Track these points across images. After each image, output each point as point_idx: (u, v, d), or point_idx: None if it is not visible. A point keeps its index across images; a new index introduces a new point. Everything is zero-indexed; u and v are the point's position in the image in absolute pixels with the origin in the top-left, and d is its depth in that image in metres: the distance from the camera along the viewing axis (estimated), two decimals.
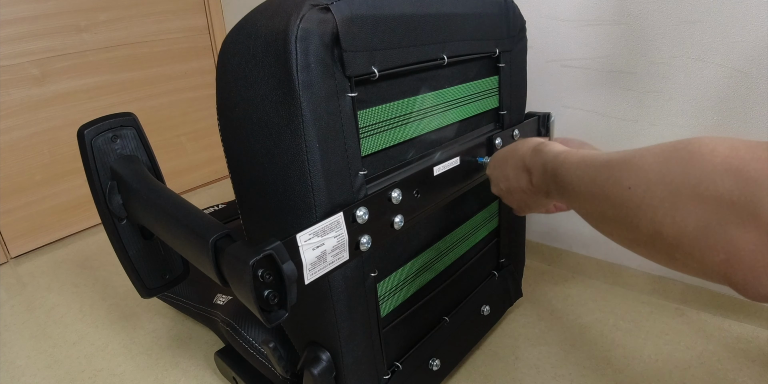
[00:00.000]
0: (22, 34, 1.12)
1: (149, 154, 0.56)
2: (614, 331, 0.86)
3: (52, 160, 1.23)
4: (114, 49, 1.29)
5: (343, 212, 0.45)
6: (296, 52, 0.40)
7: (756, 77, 0.74)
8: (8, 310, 1.00)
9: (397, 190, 0.51)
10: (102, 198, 0.52)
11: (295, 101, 0.41)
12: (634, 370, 0.77)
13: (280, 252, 0.37)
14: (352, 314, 0.51)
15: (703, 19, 0.75)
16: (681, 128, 0.82)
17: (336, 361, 0.53)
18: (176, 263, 0.60)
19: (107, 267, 1.15)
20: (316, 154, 0.43)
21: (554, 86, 0.93)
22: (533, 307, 0.93)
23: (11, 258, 1.22)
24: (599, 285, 1.00)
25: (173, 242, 0.47)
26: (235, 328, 0.67)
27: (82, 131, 0.51)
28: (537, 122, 0.77)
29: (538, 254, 1.08)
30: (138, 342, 0.89)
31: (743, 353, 0.80)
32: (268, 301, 0.38)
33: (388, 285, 0.56)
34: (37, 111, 1.18)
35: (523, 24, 0.70)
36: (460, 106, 0.62)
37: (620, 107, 0.87)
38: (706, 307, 0.90)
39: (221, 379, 0.79)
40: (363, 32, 0.44)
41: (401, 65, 0.50)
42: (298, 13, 0.40)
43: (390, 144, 0.52)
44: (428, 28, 0.52)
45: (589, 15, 0.85)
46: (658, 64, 0.81)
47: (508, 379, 0.76)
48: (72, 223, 1.31)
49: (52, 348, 0.88)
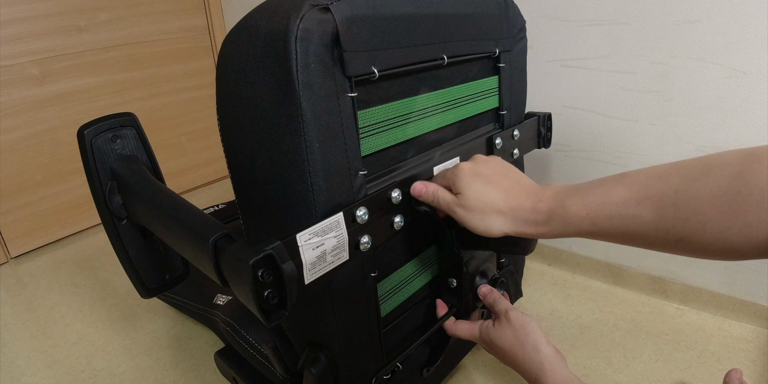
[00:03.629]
0: (22, 34, 1.12)
1: (149, 154, 0.56)
2: (614, 331, 0.86)
3: (52, 160, 1.23)
4: (114, 49, 1.29)
5: (343, 212, 0.45)
6: (296, 52, 0.40)
7: (756, 77, 0.74)
8: (8, 310, 1.00)
9: (397, 190, 0.51)
10: (102, 198, 0.52)
11: (295, 101, 0.41)
12: (634, 370, 0.77)
13: (280, 252, 0.37)
14: (352, 314, 0.51)
15: (703, 19, 0.75)
16: (681, 128, 0.82)
17: (336, 361, 0.53)
18: (176, 263, 0.60)
19: (107, 267, 1.15)
20: (316, 154, 0.43)
21: (554, 86, 0.93)
22: (533, 307, 0.93)
23: (11, 258, 1.22)
24: (599, 285, 1.00)
25: (173, 242, 0.47)
26: (235, 328, 0.67)
27: (82, 131, 0.50)
28: (537, 122, 0.77)
29: (538, 254, 1.08)
30: (138, 342, 0.89)
31: (743, 353, 0.80)
32: (268, 301, 0.38)
33: (388, 285, 0.56)
34: (37, 111, 1.18)
35: (523, 24, 0.70)
36: (460, 106, 0.62)
37: (620, 107, 0.87)
38: (706, 307, 0.90)
39: (221, 379, 0.79)
40: (363, 32, 0.44)
41: (401, 65, 0.50)
42: (298, 13, 0.40)
43: (390, 144, 0.52)
44: (428, 28, 0.52)
45: (589, 15, 0.85)
46: (658, 64, 0.81)
47: (508, 379, 0.76)
48: (72, 223, 1.31)
49: (52, 348, 0.88)
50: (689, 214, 0.35)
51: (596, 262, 1.00)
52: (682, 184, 0.36)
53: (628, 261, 0.97)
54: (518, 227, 0.46)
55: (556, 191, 0.44)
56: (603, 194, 0.40)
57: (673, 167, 0.38)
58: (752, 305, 0.85)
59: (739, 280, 0.86)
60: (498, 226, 0.46)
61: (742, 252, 0.34)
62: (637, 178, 0.39)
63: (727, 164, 0.34)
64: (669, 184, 0.37)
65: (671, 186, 0.37)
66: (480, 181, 0.48)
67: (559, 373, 0.49)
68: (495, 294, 0.59)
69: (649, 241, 0.39)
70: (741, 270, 0.85)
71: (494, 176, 0.48)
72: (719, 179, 0.34)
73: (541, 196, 0.45)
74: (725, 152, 0.36)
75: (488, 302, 0.59)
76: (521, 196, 0.46)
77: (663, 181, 0.37)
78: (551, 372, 0.49)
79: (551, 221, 0.44)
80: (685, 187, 0.36)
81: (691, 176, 0.36)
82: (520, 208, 0.46)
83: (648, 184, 0.38)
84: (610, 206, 0.40)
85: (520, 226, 0.46)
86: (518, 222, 0.46)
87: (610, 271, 0.99)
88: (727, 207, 0.33)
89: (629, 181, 0.39)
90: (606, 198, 0.40)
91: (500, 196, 0.47)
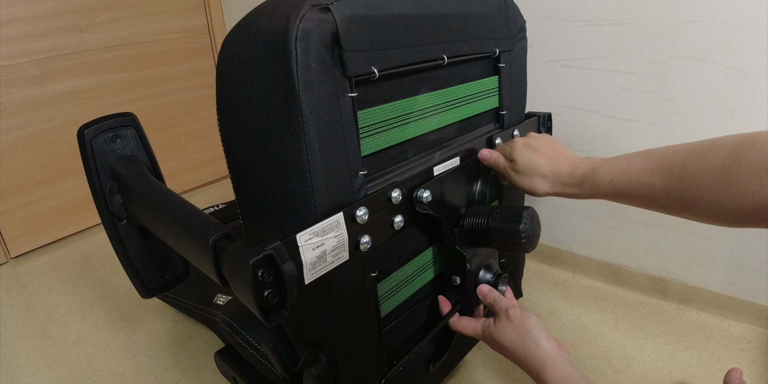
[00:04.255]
0: (22, 34, 1.12)
1: (149, 154, 0.56)
2: (614, 331, 0.86)
3: (52, 160, 1.23)
4: (114, 49, 1.29)
5: (343, 212, 0.45)
6: (296, 52, 0.40)
7: (756, 77, 0.74)
8: (8, 310, 1.00)
9: (397, 190, 0.51)
10: (102, 198, 0.52)
11: (295, 101, 0.41)
12: (634, 370, 0.77)
13: (280, 252, 0.37)
14: (352, 314, 0.51)
15: (703, 19, 0.75)
16: (681, 128, 0.82)
17: (336, 361, 0.53)
18: (176, 263, 0.60)
19: (107, 267, 1.15)
20: (316, 154, 0.43)
21: (554, 86, 0.93)
22: (533, 307, 0.93)
23: (11, 258, 1.22)
24: (599, 285, 1.00)
25: (173, 242, 0.47)
26: (235, 328, 0.67)
27: (82, 131, 0.50)
28: (537, 122, 0.77)
29: (538, 254, 1.08)
30: (138, 342, 0.89)
31: (743, 353, 0.80)
32: (268, 301, 0.38)
33: (388, 285, 0.56)
34: (37, 111, 1.18)
35: (523, 24, 0.70)
36: (460, 106, 0.62)
37: (620, 107, 0.87)
38: (706, 307, 0.90)
39: (221, 379, 0.79)
40: (363, 32, 0.44)
41: (401, 65, 0.50)
42: (298, 13, 0.40)
43: (390, 144, 0.52)
44: (428, 28, 0.52)
45: (589, 15, 0.85)
46: (658, 64, 0.81)
47: (508, 379, 0.76)
48: (72, 223, 1.31)
49: (52, 348, 0.88)
50: (691, 184, 0.42)
51: (596, 262, 1.00)
52: (688, 160, 0.43)
53: (628, 261, 0.97)
54: (558, 188, 0.56)
55: (592, 161, 0.53)
56: (626, 164, 0.49)
57: (685, 146, 0.45)
58: (752, 305, 0.85)
59: (739, 280, 0.86)
60: (541, 187, 0.57)
61: (734, 218, 0.41)
62: (655, 153, 0.47)
63: (726, 145, 0.41)
64: (678, 158, 0.44)
65: (679, 160, 0.44)
66: (529, 151, 0.58)
67: (560, 369, 0.49)
68: (494, 293, 0.60)
69: (661, 204, 0.47)
70: (741, 270, 0.85)
71: (541, 148, 0.58)
72: (718, 157, 0.41)
73: (578, 164, 0.55)
74: (728, 135, 0.42)
75: (488, 301, 0.60)
76: (562, 163, 0.56)
77: (674, 156, 0.45)
78: (552, 367, 0.49)
79: (584, 184, 0.53)
80: (690, 162, 0.43)
81: (696, 153, 0.43)
82: (560, 173, 0.55)
83: (662, 158, 0.46)
84: (630, 174, 0.48)
85: (559, 188, 0.56)
86: (558, 184, 0.56)
87: (610, 271, 0.99)
88: (721, 179, 0.40)
89: (649, 155, 0.48)
90: (628, 168, 0.49)
91: (545, 163, 0.57)
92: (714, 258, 0.87)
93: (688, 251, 0.89)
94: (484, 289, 0.61)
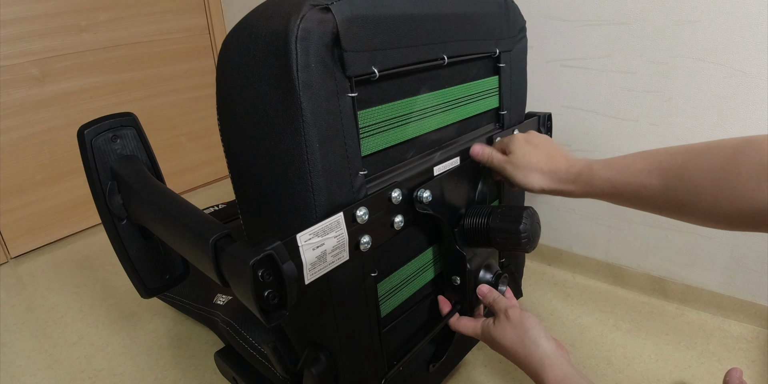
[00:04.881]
0: (22, 34, 1.12)
1: (149, 154, 0.56)
2: (614, 331, 0.86)
3: (52, 160, 1.23)
4: (114, 49, 1.29)
5: (344, 212, 0.45)
6: (296, 52, 0.40)
7: (756, 77, 0.74)
8: (8, 310, 1.00)
9: (397, 190, 0.51)
10: (102, 198, 0.52)
11: (295, 101, 0.41)
12: (634, 370, 0.77)
13: (280, 252, 0.37)
14: (352, 314, 0.51)
15: (703, 19, 0.75)
16: (681, 128, 0.82)
17: (336, 361, 0.53)
18: (176, 263, 0.60)
19: (107, 267, 1.15)
20: (316, 154, 0.43)
21: (554, 86, 0.93)
22: (533, 307, 0.93)
23: (11, 258, 1.22)
24: (599, 285, 1.00)
25: (173, 242, 0.47)
26: (235, 328, 0.67)
27: (82, 131, 0.50)
28: (537, 122, 0.77)
29: (538, 254, 1.08)
30: (138, 342, 0.89)
31: (743, 353, 0.80)
32: (268, 301, 0.38)
33: (388, 285, 0.56)
34: (37, 111, 1.18)
35: (523, 24, 0.70)
36: (461, 106, 0.62)
37: (620, 107, 0.87)
38: (706, 307, 0.90)
39: (221, 379, 0.79)
40: (363, 32, 0.44)
41: (401, 65, 0.50)
42: (298, 13, 0.40)
43: (390, 144, 0.52)
44: (428, 28, 0.52)
45: (589, 15, 0.85)
46: (658, 64, 0.81)
47: (508, 379, 0.76)
48: (72, 223, 1.31)
49: (52, 348, 0.88)
50: (688, 185, 0.42)
51: (596, 262, 1.00)
52: (687, 160, 0.43)
53: (628, 261, 0.97)
54: (554, 185, 0.55)
55: (589, 160, 0.54)
56: (624, 164, 0.49)
57: (684, 147, 0.45)
58: (752, 305, 0.85)
59: (739, 280, 0.86)
60: (537, 182, 0.56)
61: (732, 221, 0.40)
62: (653, 154, 0.47)
63: (726, 147, 0.41)
64: (676, 159, 0.44)
65: (678, 161, 0.44)
66: (529, 145, 0.58)
67: (559, 369, 0.49)
68: (494, 293, 0.60)
69: (658, 205, 0.47)
70: (741, 270, 0.85)
71: (540, 144, 0.59)
72: (716, 158, 0.41)
73: (575, 162, 0.55)
74: (728, 138, 0.42)
75: (488, 302, 0.60)
76: (560, 160, 0.56)
77: (672, 156, 0.45)
78: (551, 367, 0.49)
79: (580, 181, 0.53)
80: (688, 162, 0.43)
81: (695, 154, 0.43)
82: (557, 169, 0.55)
83: (661, 158, 0.46)
84: (628, 173, 0.48)
85: (555, 184, 0.55)
86: (554, 180, 0.55)
87: (610, 271, 0.99)
88: (719, 181, 0.40)
89: (647, 155, 0.48)
90: (625, 167, 0.49)
91: (543, 158, 0.57)
92: (714, 258, 0.87)
93: (688, 251, 0.89)
94: (483, 289, 0.61)
